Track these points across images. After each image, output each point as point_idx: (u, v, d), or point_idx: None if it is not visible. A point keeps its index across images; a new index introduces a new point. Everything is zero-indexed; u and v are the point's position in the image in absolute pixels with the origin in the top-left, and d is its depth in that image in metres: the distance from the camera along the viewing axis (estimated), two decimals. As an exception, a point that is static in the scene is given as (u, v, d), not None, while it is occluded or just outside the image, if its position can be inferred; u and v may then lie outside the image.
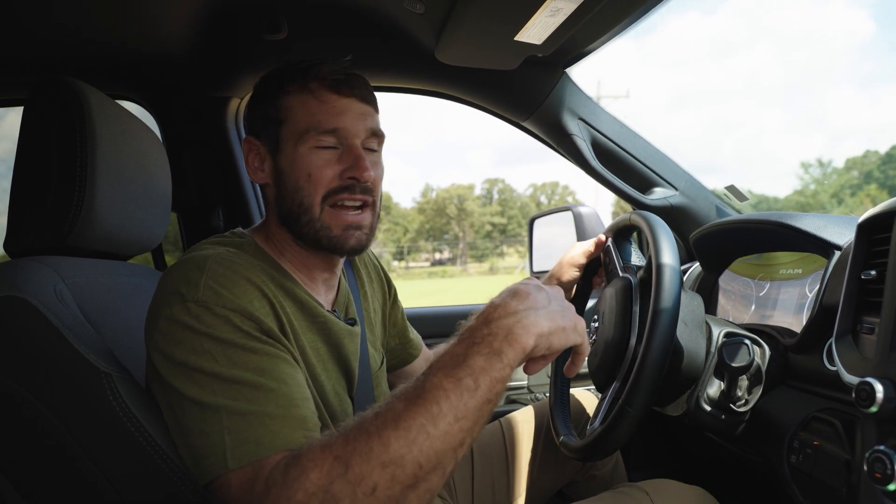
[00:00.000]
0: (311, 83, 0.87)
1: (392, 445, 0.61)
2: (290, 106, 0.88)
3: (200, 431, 0.68)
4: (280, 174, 0.89)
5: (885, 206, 0.78)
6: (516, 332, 0.66)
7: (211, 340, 0.70)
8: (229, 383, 0.69)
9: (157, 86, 1.53)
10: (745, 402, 1.01)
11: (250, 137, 0.93)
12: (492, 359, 0.64)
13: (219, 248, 0.83)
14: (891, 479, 0.66)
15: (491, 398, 0.64)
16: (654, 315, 0.89)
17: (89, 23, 1.21)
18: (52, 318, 0.75)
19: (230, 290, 0.74)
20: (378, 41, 1.39)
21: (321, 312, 0.89)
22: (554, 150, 1.62)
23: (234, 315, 0.72)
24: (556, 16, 1.06)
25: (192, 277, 0.74)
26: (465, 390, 0.63)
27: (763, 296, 1.17)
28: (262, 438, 0.67)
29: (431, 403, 0.62)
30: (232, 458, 0.66)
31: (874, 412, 0.68)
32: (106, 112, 0.92)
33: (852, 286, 0.82)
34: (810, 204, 46.98)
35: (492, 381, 0.64)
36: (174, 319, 0.72)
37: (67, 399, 0.74)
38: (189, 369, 0.70)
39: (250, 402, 0.68)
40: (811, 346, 0.95)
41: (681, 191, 1.54)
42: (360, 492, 0.60)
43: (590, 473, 1.34)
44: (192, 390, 0.69)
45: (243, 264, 0.79)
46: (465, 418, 0.63)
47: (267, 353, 0.73)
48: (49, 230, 0.86)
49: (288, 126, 0.88)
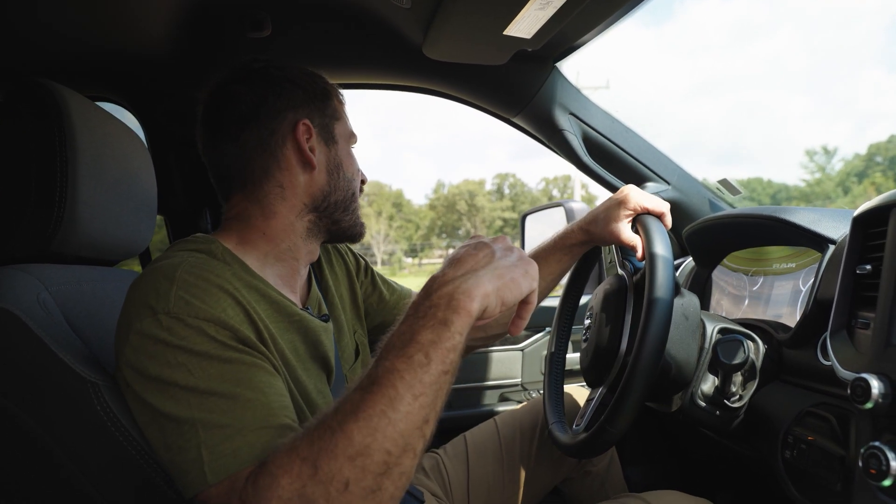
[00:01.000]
0: (339, 96, 0.99)
1: (356, 437, 0.60)
2: (337, 108, 0.97)
3: (179, 447, 0.67)
4: (337, 164, 0.94)
5: (881, 200, 0.77)
6: (458, 297, 0.65)
7: (185, 353, 0.68)
8: (205, 396, 0.67)
9: (139, 87, 1.50)
10: (740, 397, 1.01)
11: (307, 121, 0.90)
12: (438, 329, 0.63)
13: (186, 255, 0.79)
14: (886, 475, 0.65)
15: (446, 369, 0.64)
16: (641, 343, 0.86)
17: (66, 22, 1.18)
18: (36, 327, 0.73)
19: (202, 300, 0.72)
20: (364, 37, 1.37)
21: (296, 311, 0.87)
22: (545, 145, 1.61)
23: (207, 325, 0.70)
24: (545, 9, 1.05)
25: (161, 288, 0.72)
26: (417, 367, 0.62)
27: (756, 290, 1.16)
28: (239, 451, 0.66)
29: (387, 388, 0.61)
30: (210, 472, 0.65)
31: (869, 408, 0.68)
32: (86, 115, 0.90)
33: (847, 281, 0.81)
34: (815, 193, 45.72)
35: (443, 352, 0.63)
36: (145, 333, 0.69)
37: (54, 409, 0.73)
38: (163, 384, 0.68)
39: (226, 414, 0.67)
40: (805, 341, 0.95)
41: (673, 185, 1.54)
42: (334, 490, 0.59)
43: (585, 469, 1.34)
44: (167, 406, 0.67)
45: (214, 272, 0.76)
46: (424, 395, 0.62)
47: (243, 363, 0.71)
48: (30, 238, 0.85)
49: (340, 126, 0.96)
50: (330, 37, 1.37)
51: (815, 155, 47.65)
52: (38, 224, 0.84)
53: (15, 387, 0.72)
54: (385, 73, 1.53)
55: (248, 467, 0.65)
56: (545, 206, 1.83)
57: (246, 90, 0.88)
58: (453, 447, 1.31)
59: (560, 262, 1.20)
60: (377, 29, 1.32)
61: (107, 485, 0.74)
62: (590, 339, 1.10)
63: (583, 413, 1.07)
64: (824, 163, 47.33)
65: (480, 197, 61.69)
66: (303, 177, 0.90)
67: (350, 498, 0.59)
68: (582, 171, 1.54)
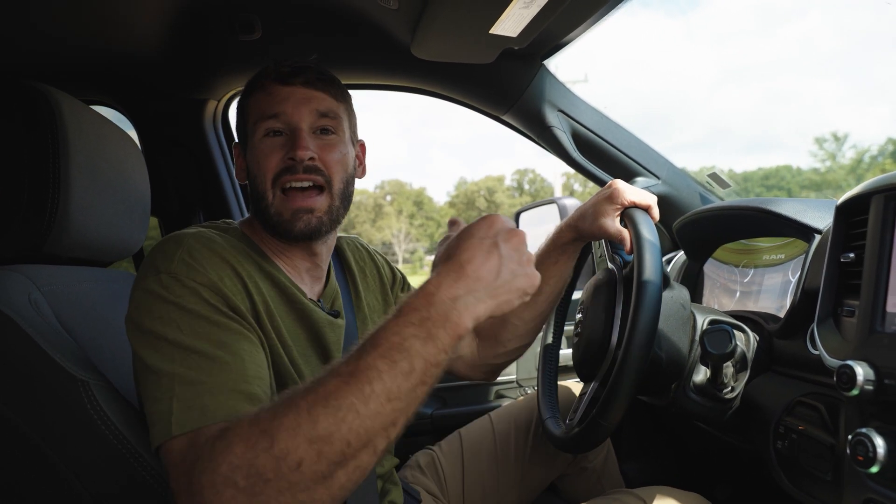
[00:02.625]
0: (264, 80, 0.92)
1: (320, 422, 0.60)
2: (248, 104, 0.93)
3: (154, 398, 0.69)
4: (248, 169, 0.94)
5: (862, 188, 0.78)
6: (453, 318, 0.65)
7: (177, 310, 0.72)
8: (188, 352, 0.70)
9: (132, 89, 1.51)
10: (732, 389, 1.01)
11: (237, 143, 0.99)
12: (427, 343, 0.64)
13: (203, 229, 0.85)
14: (873, 462, 0.66)
15: (426, 381, 0.64)
16: (631, 335, 0.86)
17: (60, 26, 1.19)
18: (27, 327, 0.74)
19: (202, 265, 0.76)
20: (353, 38, 1.37)
21: (299, 299, 0.90)
22: (535, 142, 1.61)
23: (202, 289, 0.75)
24: (529, 7, 1.05)
25: (168, 251, 0.77)
26: (399, 373, 0.62)
27: (747, 282, 1.17)
28: (206, 407, 0.67)
29: (364, 383, 0.61)
30: (176, 423, 0.66)
31: (855, 395, 0.68)
32: (79, 118, 0.90)
33: (832, 269, 0.82)
34: (826, 181, 44.21)
35: (427, 366, 0.64)
36: (146, 290, 0.74)
37: (44, 408, 0.74)
38: (154, 337, 0.71)
39: (203, 372, 0.69)
40: (795, 331, 0.95)
41: (663, 180, 1.54)
42: (286, 466, 0.59)
43: (581, 465, 1.34)
44: (153, 358, 0.70)
45: (222, 243, 0.82)
46: (398, 399, 0.62)
47: (229, 329, 0.74)
48: (23, 238, 0.85)
49: (247, 122, 0.93)
50: (319, 38, 1.38)
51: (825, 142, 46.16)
52: (30, 225, 0.85)
53: (5, 385, 0.73)
54: (375, 74, 1.54)
55: (211, 426, 0.66)
56: (538, 203, 1.84)
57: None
58: (448, 444, 1.31)
59: (557, 264, 1.20)
60: (366, 30, 1.33)
61: (95, 481, 0.75)
62: (581, 333, 1.11)
63: (575, 407, 1.08)
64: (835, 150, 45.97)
65: (500, 193, 60.59)
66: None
67: (299, 478, 0.60)
68: (572, 167, 1.55)
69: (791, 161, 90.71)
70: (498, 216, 0.73)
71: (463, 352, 1.24)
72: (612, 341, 1.02)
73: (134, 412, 0.78)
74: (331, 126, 0.93)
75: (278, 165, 0.89)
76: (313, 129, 0.92)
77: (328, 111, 0.93)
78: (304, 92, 0.91)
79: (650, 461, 1.60)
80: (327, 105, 0.93)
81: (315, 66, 0.94)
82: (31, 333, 0.74)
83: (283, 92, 0.91)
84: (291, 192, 0.89)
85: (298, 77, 0.91)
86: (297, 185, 0.89)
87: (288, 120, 0.90)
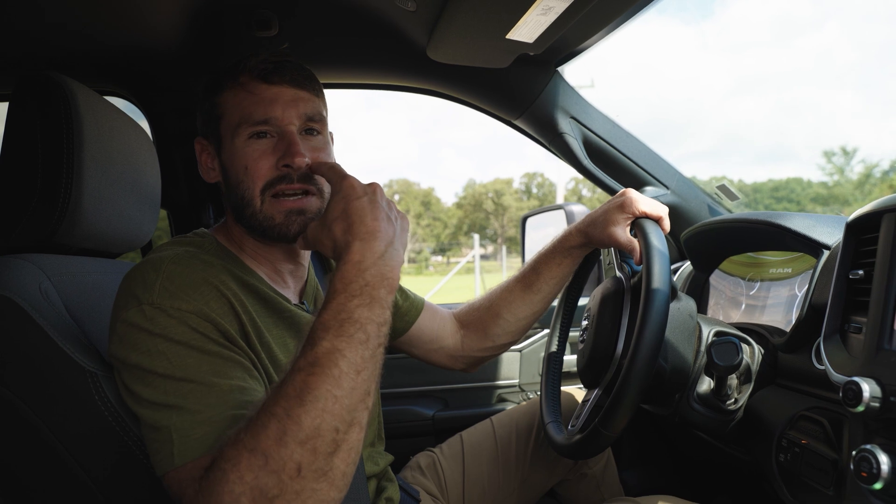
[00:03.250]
0: (241, 76, 0.87)
1: (304, 421, 0.61)
2: (223, 101, 0.88)
3: (153, 428, 0.69)
4: (224, 170, 0.90)
5: (874, 206, 0.78)
6: (388, 275, 0.70)
7: (165, 342, 0.70)
8: (182, 383, 0.69)
9: (146, 82, 1.52)
10: (735, 400, 1.02)
11: (200, 138, 0.94)
12: (374, 307, 0.68)
13: (178, 249, 0.82)
14: (877, 478, 0.66)
15: (381, 341, 0.68)
16: (637, 345, 0.86)
17: (76, 16, 1.20)
18: (37, 316, 0.74)
19: (185, 292, 0.74)
20: (370, 39, 1.38)
21: (286, 307, 0.89)
22: (546, 148, 1.62)
23: (189, 317, 0.72)
24: (547, 14, 1.06)
25: (147, 279, 0.74)
26: (358, 344, 0.65)
27: (753, 295, 1.17)
28: (205, 438, 0.67)
29: (331, 367, 0.63)
30: (178, 454, 0.67)
31: (861, 411, 0.69)
32: (93, 108, 0.91)
33: (840, 286, 0.82)
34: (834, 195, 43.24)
35: (377, 327, 0.68)
36: (129, 322, 0.72)
37: (52, 397, 0.74)
38: (143, 371, 0.70)
39: (199, 401, 0.69)
40: (800, 346, 0.95)
41: (672, 190, 1.55)
42: (287, 476, 0.60)
43: (581, 472, 1.34)
44: (146, 392, 0.70)
45: (201, 265, 0.78)
46: (365, 369, 0.65)
47: (221, 356, 0.73)
48: (35, 228, 0.85)
49: (224, 121, 0.88)
50: (336, 37, 1.39)
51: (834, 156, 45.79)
52: (43, 214, 0.85)
53: (14, 374, 0.73)
54: (390, 75, 1.54)
55: (208, 455, 0.66)
56: (545, 208, 1.84)
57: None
58: (449, 447, 1.31)
59: (560, 266, 1.21)
60: (383, 31, 1.33)
61: (102, 473, 0.75)
62: (587, 340, 1.11)
63: (578, 414, 1.08)
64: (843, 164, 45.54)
65: (507, 196, 60.11)
66: (220, 187, 0.94)
67: (303, 483, 0.60)
68: (582, 174, 1.55)
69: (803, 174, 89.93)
70: (353, 177, 0.78)
71: (446, 342, 1.26)
72: (617, 350, 1.02)
73: None
74: (317, 127, 0.91)
75: (270, 173, 0.85)
76: (300, 131, 0.88)
77: (315, 114, 0.90)
78: (291, 93, 0.87)
79: (650, 470, 1.60)
80: (314, 107, 0.90)
81: (295, 62, 0.90)
82: (42, 323, 0.74)
83: (269, 92, 0.86)
84: (283, 196, 0.86)
85: (283, 76, 0.87)
86: (290, 192, 0.86)
87: (279, 125, 0.86)
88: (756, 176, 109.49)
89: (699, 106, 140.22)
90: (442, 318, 1.27)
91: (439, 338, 1.25)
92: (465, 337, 1.27)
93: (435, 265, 48.32)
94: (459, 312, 1.30)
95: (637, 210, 1.06)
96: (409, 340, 1.23)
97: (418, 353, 1.25)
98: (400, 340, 1.23)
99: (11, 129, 0.88)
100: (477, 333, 1.26)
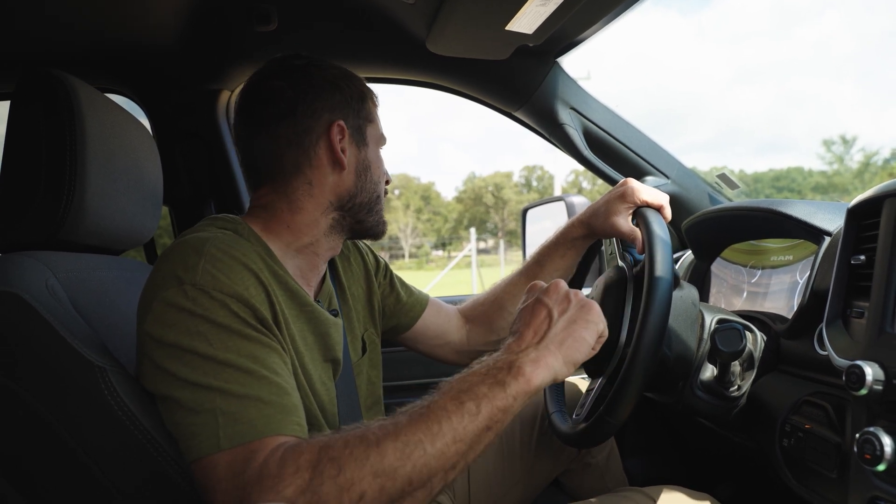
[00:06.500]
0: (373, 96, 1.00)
1: (388, 457, 0.62)
2: (372, 111, 0.98)
3: (192, 410, 0.68)
4: (365, 167, 0.95)
5: (875, 192, 0.79)
6: (518, 365, 0.71)
7: (207, 323, 0.70)
8: (223, 366, 0.69)
9: (147, 79, 1.52)
10: (738, 387, 1.02)
11: (342, 123, 0.91)
12: (495, 388, 0.69)
13: (216, 232, 0.82)
14: (880, 460, 0.67)
15: (491, 426, 0.67)
16: (641, 333, 0.87)
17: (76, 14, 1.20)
18: (45, 312, 0.74)
19: (228, 276, 0.74)
20: (369, 32, 1.38)
21: (309, 302, 0.89)
22: (546, 139, 1.62)
23: (231, 301, 0.72)
24: (546, 5, 1.06)
25: (189, 261, 0.74)
26: (466, 413, 0.66)
27: (755, 283, 1.18)
28: (256, 421, 0.67)
29: (432, 422, 0.65)
30: (225, 437, 0.66)
31: (864, 395, 0.69)
32: (95, 105, 0.91)
33: (842, 271, 0.82)
34: (833, 184, 43.40)
35: (493, 410, 0.67)
36: (169, 302, 0.72)
37: (61, 394, 0.74)
38: (182, 350, 0.70)
39: (244, 386, 0.69)
40: (802, 332, 0.96)
41: (673, 179, 1.55)
42: (348, 497, 0.61)
43: (585, 461, 1.35)
44: (184, 371, 0.69)
45: (241, 250, 0.79)
46: (463, 441, 0.65)
47: (259, 342, 0.73)
48: (39, 225, 0.86)
49: (371, 127, 0.97)
50: (335, 31, 1.39)
51: (833, 145, 44.98)
52: (47, 211, 0.85)
53: (24, 370, 0.73)
54: (389, 67, 1.54)
55: (264, 439, 0.66)
56: (546, 200, 1.84)
57: (286, 86, 0.90)
58: (454, 437, 1.32)
59: (564, 258, 1.21)
60: (382, 24, 1.33)
61: (114, 470, 0.75)
62: None
63: (582, 403, 1.09)
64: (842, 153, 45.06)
65: (507, 189, 59.90)
66: (332, 176, 0.92)
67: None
68: (582, 165, 1.56)
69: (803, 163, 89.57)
70: (559, 284, 0.82)
71: (451, 337, 1.26)
72: (620, 339, 1.03)
73: (150, 400, 0.79)
74: None
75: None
76: None
77: None
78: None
79: (653, 459, 1.61)
80: None
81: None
82: (50, 319, 0.74)
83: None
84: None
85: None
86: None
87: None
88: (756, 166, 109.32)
89: (699, 97, 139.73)
90: (447, 313, 1.27)
91: (445, 333, 1.25)
92: (471, 331, 1.27)
93: (436, 260, 48.24)
94: (464, 308, 1.31)
95: (638, 199, 1.06)
96: (414, 336, 1.23)
97: (423, 348, 1.26)
98: (404, 336, 1.23)
99: (14, 126, 0.88)
100: (482, 327, 1.26)
